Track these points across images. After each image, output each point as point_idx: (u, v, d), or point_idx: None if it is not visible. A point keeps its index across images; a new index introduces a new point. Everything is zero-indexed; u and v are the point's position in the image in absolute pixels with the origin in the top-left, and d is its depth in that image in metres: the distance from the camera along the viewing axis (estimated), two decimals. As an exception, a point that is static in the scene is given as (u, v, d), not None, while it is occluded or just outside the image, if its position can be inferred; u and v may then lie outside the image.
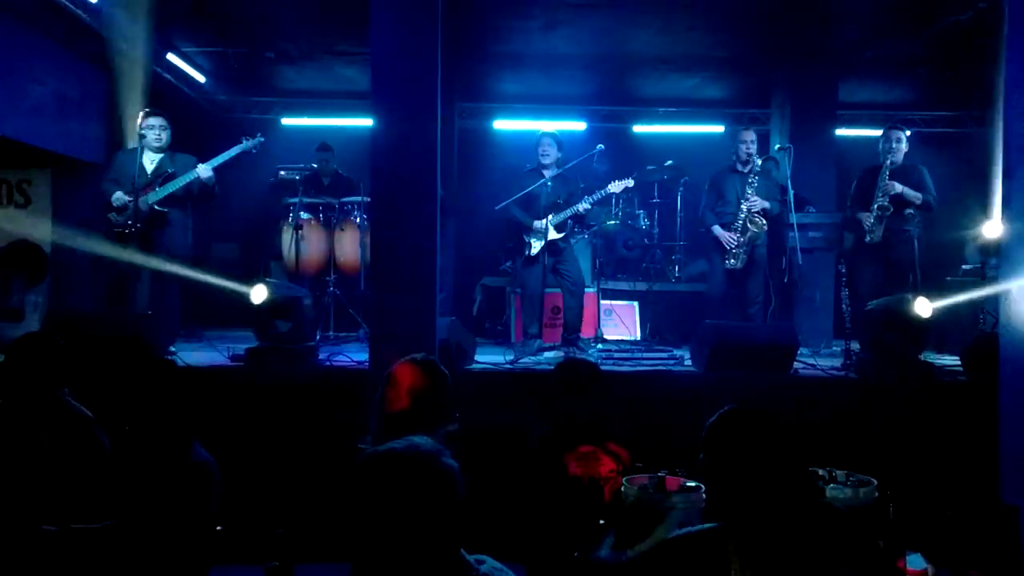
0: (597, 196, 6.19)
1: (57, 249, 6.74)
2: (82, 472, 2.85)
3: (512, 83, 9.67)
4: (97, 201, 5.93)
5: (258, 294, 5.09)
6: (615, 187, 6.19)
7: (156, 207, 5.76)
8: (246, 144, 6.05)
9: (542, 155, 6.26)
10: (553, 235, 6.11)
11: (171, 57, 7.96)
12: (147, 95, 6.63)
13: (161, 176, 5.81)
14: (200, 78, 8.73)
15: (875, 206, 6.10)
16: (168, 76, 8.07)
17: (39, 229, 6.88)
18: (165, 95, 8.13)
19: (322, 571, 4.10)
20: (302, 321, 5.23)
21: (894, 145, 6.19)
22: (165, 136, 5.87)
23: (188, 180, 5.81)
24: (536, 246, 6.13)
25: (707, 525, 1.89)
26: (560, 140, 6.36)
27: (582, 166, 6.55)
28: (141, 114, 5.87)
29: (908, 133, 6.41)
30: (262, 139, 6.12)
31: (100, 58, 6.65)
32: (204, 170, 5.82)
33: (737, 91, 9.70)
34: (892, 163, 6.16)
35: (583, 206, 6.13)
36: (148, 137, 5.80)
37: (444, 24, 4.57)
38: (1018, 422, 4.39)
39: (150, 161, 5.87)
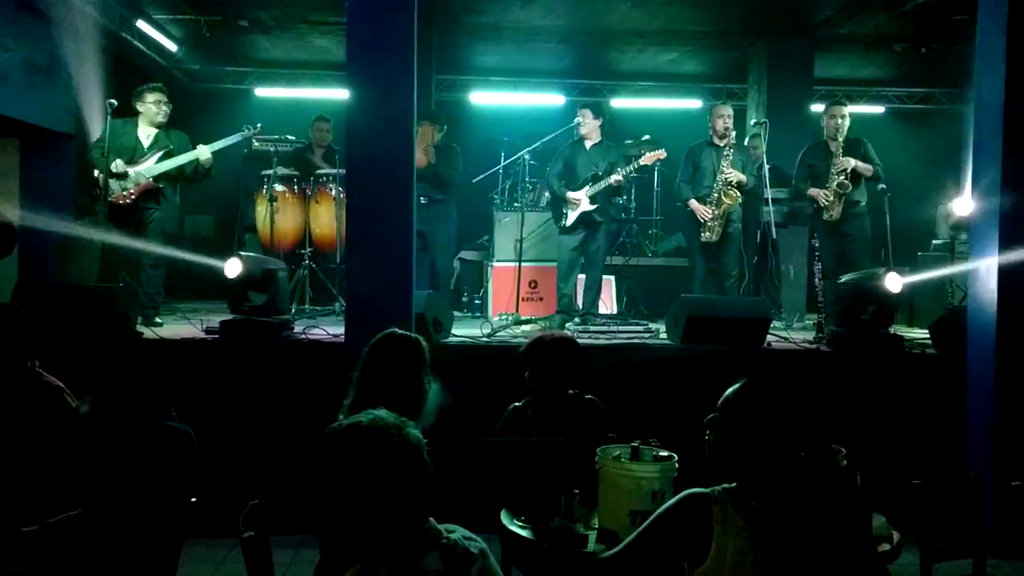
0: (631, 169, 6.28)
1: (25, 219, 6.61)
2: (54, 441, 2.84)
3: (489, 55, 9.59)
4: (75, 168, 5.92)
5: (232, 268, 5.04)
6: (647, 159, 6.30)
7: (153, 181, 5.77)
8: (247, 132, 6.26)
9: (578, 126, 6.31)
10: (586, 206, 6.16)
11: (141, 24, 7.79)
12: (116, 64, 6.53)
13: (160, 151, 5.81)
14: (172, 47, 8.56)
15: (834, 184, 6.14)
16: (138, 44, 7.89)
17: (7, 199, 6.74)
18: (136, 63, 7.98)
19: (298, 542, 4.14)
20: (277, 294, 5.20)
21: (839, 121, 6.23)
22: (167, 111, 5.88)
23: (187, 160, 5.83)
24: (571, 216, 6.21)
25: (686, 493, 1.91)
26: (596, 110, 6.36)
27: (561, 139, 6.59)
28: (145, 87, 5.87)
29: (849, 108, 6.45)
30: (261, 126, 6.36)
31: (70, 25, 6.49)
32: (204, 153, 5.85)
33: (714, 66, 9.69)
34: (841, 139, 6.19)
35: (614, 178, 6.14)
36: (152, 111, 5.82)
37: (421, -7, 4.52)
38: (984, 396, 4.50)
39: (146, 135, 5.87)
